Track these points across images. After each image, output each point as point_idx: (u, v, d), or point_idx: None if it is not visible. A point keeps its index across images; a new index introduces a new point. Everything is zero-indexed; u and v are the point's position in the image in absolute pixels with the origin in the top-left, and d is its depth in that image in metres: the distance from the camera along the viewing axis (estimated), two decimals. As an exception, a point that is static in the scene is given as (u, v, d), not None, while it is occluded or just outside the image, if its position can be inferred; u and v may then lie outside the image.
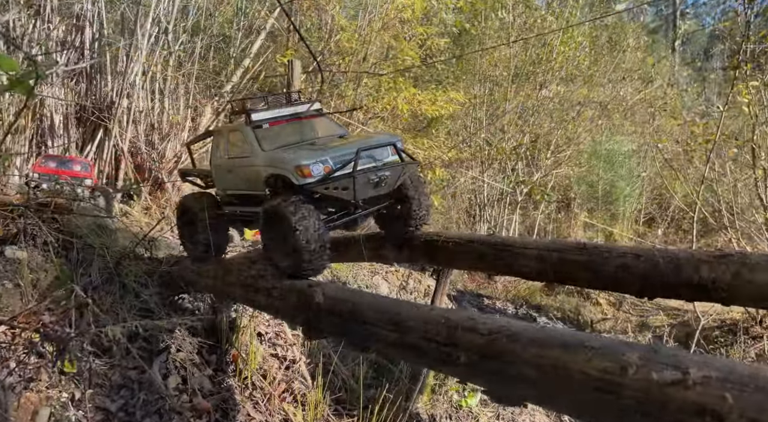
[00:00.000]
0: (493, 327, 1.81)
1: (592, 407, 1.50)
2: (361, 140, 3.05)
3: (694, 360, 1.35)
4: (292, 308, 2.61)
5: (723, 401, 1.22)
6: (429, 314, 2.02)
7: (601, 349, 1.52)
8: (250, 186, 3.00)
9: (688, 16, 36.09)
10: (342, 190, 2.71)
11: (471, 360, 1.81)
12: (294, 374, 3.84)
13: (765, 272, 1.84)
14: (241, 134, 3.10)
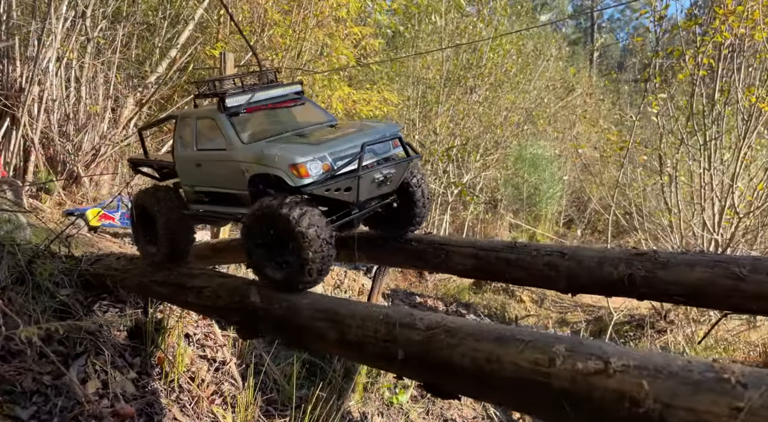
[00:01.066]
0: (431, 323, 1.86)
1: (523, 397, 1.58)
2: (359, 131, 2.65)
3: (615, 350, 1.46)
4: (226, 307, 2.53)
5: (640, 387, 1.32)
6: (368, 312, 2.04)
7: (532, 342, 1.61)
8: (227, 184, 2.63)
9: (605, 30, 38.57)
10: (344, 191, 2.40)
11: (409, 355, 1.85)
12: (224, 375, 3.73)
13: (674, 269, 2.00)
14: (213, 123, 2.69)
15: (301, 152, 2.35)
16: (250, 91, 2.77)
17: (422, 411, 5.49)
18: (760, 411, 1.14)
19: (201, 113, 2.82)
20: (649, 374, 1.34)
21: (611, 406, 1.36)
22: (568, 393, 1.45)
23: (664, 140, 8.42)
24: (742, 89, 7.80)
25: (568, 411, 1.46)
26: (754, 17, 7.71)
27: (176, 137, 2.90)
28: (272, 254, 2.35)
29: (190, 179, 2.87)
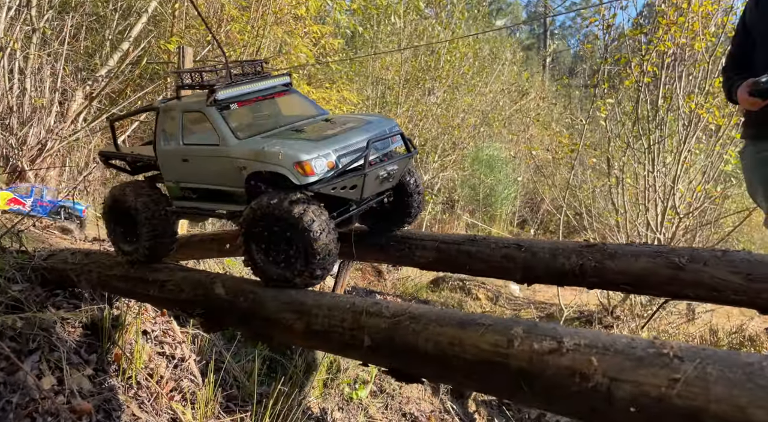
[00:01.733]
0: (396, 311, 1.93)
1: (484, 377, 1.67)
2: (359, 126, 2.56)
3: (567, 331, 1.57)
4: (189, 300, 2.52)
5: (590, 364, 1.44)
6: (334, 301, 2.10)
7: (492, 325, 1.70)
8: (219, 180, 2.52)
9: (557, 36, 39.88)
10: (350, 189, 2.34)
11: (376, 342, 1.92)
12: (183, 372, 3.69)
13: (621, 259, 2.15)
14: (202, 117, 2.55)
15: (305, 149, 2.27)
16: (240, 83, 2.65)
17: (381, 406, 5.57)
18: (695, 381, 1.26)
19: (187, 106, 2.66)
20: (598, 351, 1.45)
21: (564, 382, 1.47)
22: (525, 372, 1.55)
23: (611, 143, 8.83)
24: (683, 96, 8.26)
25: (525, 389, 1.56)
26: (694, 28, 8.19)
27: (158, 131, 2.74)
28: (272, 253, 2.30)
29: (174, 175, 2.73)
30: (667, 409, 1.28)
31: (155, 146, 2.75)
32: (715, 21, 8.42)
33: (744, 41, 3.51)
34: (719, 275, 1.87)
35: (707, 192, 8.48)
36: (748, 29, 3.46)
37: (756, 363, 1.22)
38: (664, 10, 8.61)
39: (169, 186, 2.80)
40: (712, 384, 1.23)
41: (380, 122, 2.66)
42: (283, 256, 2.27)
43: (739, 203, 11.45)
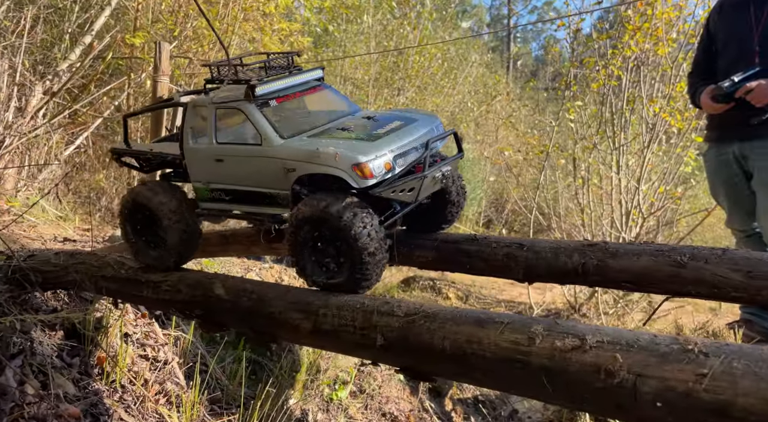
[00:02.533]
0: (409, 310, 1.93)
1: (504, 376, 1.69)
2: (407, 124, 2.45)
3: (589, 328, 1.60)
4: (187, 301, 2.45)
5: (614, 360, 1.47)
6: (343, 301, 2.08)
7: (511, 324, 1.72)
8: (260, 182, 2.39)
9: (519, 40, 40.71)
10: (408, 192, 2.22)
11: (389, 341, 1.91)
12: (167, 375, 3.58)
13: (623, 258, 2.22)
14: (239, 114, 2.42)
15: (362, 150, 2.15)
16: (277, 78, 2.51)
17: (361, 406, 5.56)
18: (722, 376, 1.31)
19: (222, 102, 2.49)
20: (622, 348, 1.49)
21: (588, 379, 1.50)
22: (547, 370, 1.58)
23: (578, 144, 9.08)
24: (646, 100, 8.57)
25: (548, 386, 1.58)
26: (657, 34, 8.50)
27: (185, 128, 2.58)
28: (319, 257, 2.22)
29: (204, 175, 2.57)
30: (694, 404, 1.33)
31: (182, 145, 2.59)
32: (677, 27, 8.76)
33: (708, 48, 3.69)
34: (720, 273, 1.95)
35: (668, 193, 8.81)
36: (712, 37, 3.63)
37: (781, 356, 1.27)
38: (629, 15, 8.90)
39: (197, 187, 2.63)
40: (739, 378, 1.28)
41: (426, 118, 2.54)
42: (329, 261, 2.20)
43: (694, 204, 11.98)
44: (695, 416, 1.33)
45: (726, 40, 3.48)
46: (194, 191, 2.64)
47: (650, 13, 8.59)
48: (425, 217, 2.77)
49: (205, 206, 2.64)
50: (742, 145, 3.34)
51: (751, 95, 3.09)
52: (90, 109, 9.32)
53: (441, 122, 2.55)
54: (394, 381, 6.00)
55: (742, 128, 3.27)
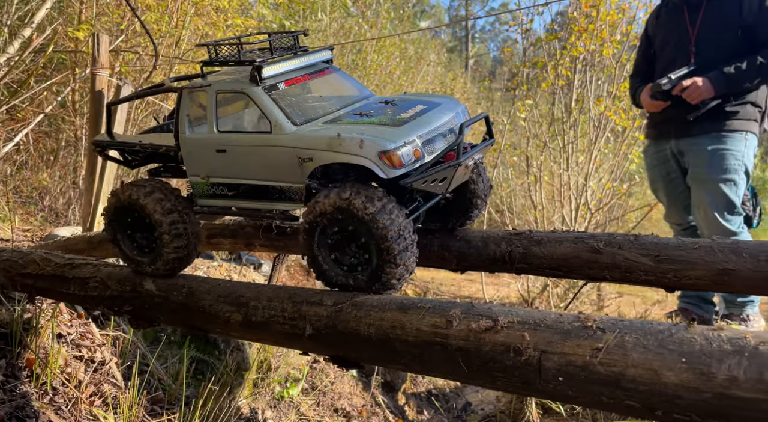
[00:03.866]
0: (338, 299, 1.95)
1: (425, 358, 1.73)
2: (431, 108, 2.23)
3: (502, 310, 1.67)
4: (115, 297, 2.40)
5: (523, 339, 1.54)
6: (275, 292, 2.09)
7: (432, 308, 1.77)
8: (269, 174, 2.17)
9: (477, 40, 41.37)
10: (439, 182, 2.01)
11: (317, 330, 1.93)
12: (103, 376, 3.49)
13: (546, 245, 2.30)
14: (244, 99, 2.21)
15: (388, 136, 1.94)
16: (284, 59, 2.28)
17: (313, 403, 5.55)
18: (615, 349, 1.39)
19: (222, 86, 2.26)
20: (530, 327, 1.56)
21: (499, 357, 1.56)
22: (464, 351, 1.64)
23: (530, 143, 9.32)
24: (593, 99, 8.87)
25: (463, 367, 1.64)
26: (602, 35, 8.81)
27: (181, 116, 2.33)
28: (339, 255, 2.05)
29: (203, 168, 2.33)
30: (590, 376, 1.40)
31: (177, 135, 2.35)
32: (621, 30, 9.10)
33: (647, 51, 3.87)
34: (631, 258, 2.06)
35: (615, 189, 9.14)
36: (651, 40, 3.81)
37: (666, 330, 1.36)
38: (576, 17, 9.18)
39: (195, 182, 2.39)
40: (630, 350, 1.37)
41: (449, 102, 2.34)
42: (352, 259, 2.02)
43: (642, 200, 12.49)
44: (591, 388, 1.40)
45: (664, 42, 3.66)
46: (191, 187, 2.41)
47: (595, 15, 8.89)
48: (445, 212, 2.56)
49: (203, 203, 2.41)
50: (679, 142, 3.50)
51: (687, 92, 3.25)
52: (31, 105, 8.93)
53: (465, 107, 2.35)
54: (347, 377, 6.02)
55: (678, 125, 3.44)
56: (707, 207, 3.35)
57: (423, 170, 2.00)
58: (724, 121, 3.31)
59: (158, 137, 2.63)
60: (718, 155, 3.32)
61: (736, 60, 3.22)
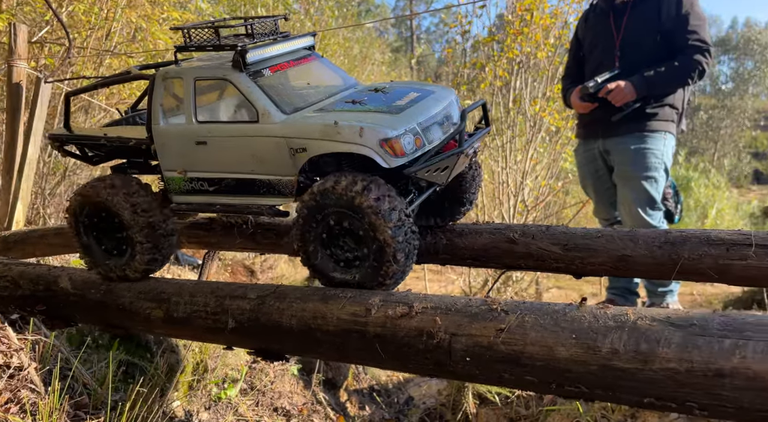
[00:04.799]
0: (261, 292, 1.97)
1: (345, 346, 1.78)
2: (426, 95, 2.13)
3: (417, 296, 1.74)
4: (27, 297, 2.31)
5: (435, 323, 1.61)
6: (197, 287, 2.07)
7: (353, 297, 1.82)
8: (256, 167, 2.04)
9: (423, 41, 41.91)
10: (441, 172, 1.93)
11: (240, 323, 1.94)
12: (21, 382, 3.31)
13: (467, 237, 2.40)
14: (227, 86, 2.07)
15: (389, 123, 1.85)
16: (267, 44, 2.13)
17: (252, 404, 5.48)
18: (516, 329, 1.49)
19: (201, 73, 2.10)
20: (442, 311, 1.63)
21: (413, 342, 1.63)
22: (380, 337, 1.69)
23: (470, 141, 9.56)
24: (529, 100, 9.21)
25: (381, 353, 1.69)
26: (536, 38, 9.16)
27: (153, 105, 2.16)
28: (335, 250, 1.94)
29: (180, 162, 2.16)
30: (494, 356, 1.49)
31: (149, 126, 2.17)
32: (554, 33, 9.49)
33: (577, 54, 4.07)
34: (543, 247, 2.18)
35: (551, 187, 9.53)
36: (580, 43, 4.01)
37: (561, 310, 1.47)
38: (511, 20, 9.50)
39: (171, 177, 2.21)
40: (529, 330, 1.46)
41: (442, 89, 2.25)
42: (349, 254, 1.92)
43: (578, 197, 13.07)
44: (495, 366, 1.49)
45: (592, 45, 3.84)
46: (166, 183, 2.24)
47: (529, 18, 9.23)
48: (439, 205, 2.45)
49: (180, 200, 2.22)
50: (605, 141, 3.69)
51: (611, 95, 3.44)
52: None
53: (456, 94, 2.27)
54: (287, 376, 5.98)
55: (604, 125, 3.62)
56: (631, 203, 3.55)
57: (427, 159, 1.90)
58: (645, 122, 3.52)
59: (125, 129, 2.45)
60: (640, 153, 3.52)
61: (657, 64, 3.42)
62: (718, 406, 1.18)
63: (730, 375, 1.15)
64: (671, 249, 1.90)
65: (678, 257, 1.86)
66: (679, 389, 1.22)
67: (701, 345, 1.21)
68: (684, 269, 1.86)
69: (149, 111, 2.18)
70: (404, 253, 1.84)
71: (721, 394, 1.17)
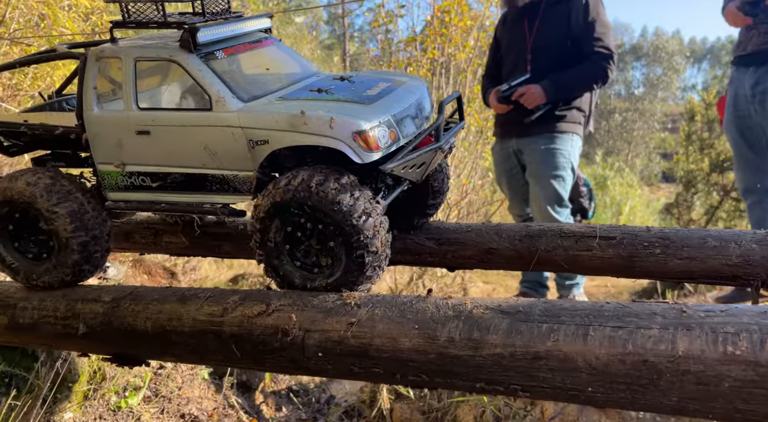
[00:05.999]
0: (117, 294, 1.85)
1: (201, 348, 1.70)
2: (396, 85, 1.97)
3: (277, 294, 1.70)
4: None
5: (290, 320, 1.57)
6: (47, 292, 1.92)
7: (212, 297, 1.75)
8: (208, 161, 1.82)
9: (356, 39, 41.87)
10: (417, 168, 1.77)
11: (92, 328, 1.81)
12: None
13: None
14: (173, 68, 1.84)
15: (360, 114, 1.69)
16: (219, 24, 1.91)
17: (156, 411, 5.24)
18: (366, 322, 1.48)
19: (143, 52, 1.86)
20: (299, 308, 1.60)
21: (269, 339, 1.58)
22: (237, 336, 1.63)
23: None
24: (451, 100, 9.41)
25: (237, 353, 1.63)
26: (456, 40, 9.37)
27: (85, 88, 1.90)
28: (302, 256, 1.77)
29: (117, 154, 1.92)
30: (344, 349, 1.48)
31: (80, 113, 1.91)
32: (473, 35, 9.74)
33: (495, 55, 4.17)
34: (419, 242, 2.20)
35: (473, 185, 9.78)
36: (498, 45, 4.11)
37: (408, 301, 1.47)
38: (430, 21, 9.67)
39: (106, 171, 1.96)
40: (378, 322, 1.46)
41: (412, 79, 2.09)
42: (313, 257, 1.76)
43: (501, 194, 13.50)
44: (345, 360, 1.47)
45: (507, 49, 3.95)
46: (100, 178, 1.99)
47: (448, 20, 9.42)
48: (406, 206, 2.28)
49: (116, 197, 1.98)
50: (518, 141, 3.82)
51: (523, 98, 3.55)
52: None
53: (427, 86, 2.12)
54: (196, 380, 5.76)
55: (518, 126, 3.74)
56: (541, 200, 3.70)
57: (404, 155, 1.75)
58: (555, 123, 3.67)
59: (50, 116, 2.19)
60: (549, 153, 3.67)
61: (566, 68, 3.57)
62: (536, 387, 1.22)
63: (545, 357, 1.20)
64: (530, 242, 1.97)
65: (536, 249, 1.93)
66: (505, 373, 1.25)
67: (523, 331, 1.24)
68: (540, 260, 1.93)
69: (80, 95, 1.92)
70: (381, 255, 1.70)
71: (539, 375, 1.21)
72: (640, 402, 1.12)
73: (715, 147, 11.03)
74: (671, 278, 1.78)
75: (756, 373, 1.02)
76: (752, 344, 1.04)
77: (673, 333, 1.11)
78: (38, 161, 2.22)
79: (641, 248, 1.80)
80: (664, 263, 1.74)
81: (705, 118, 11.47)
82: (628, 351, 1.13)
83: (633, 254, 1.81)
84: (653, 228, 1.85)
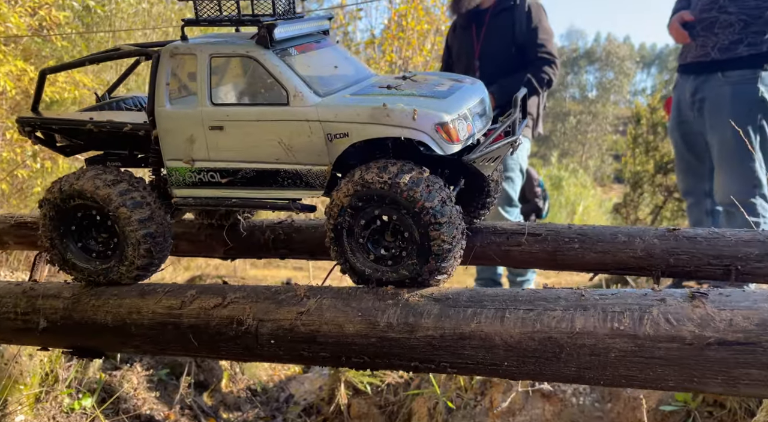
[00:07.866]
0: (77, 290, 1.93)
1: (159, 338, 1.81)
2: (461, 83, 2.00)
3: (232, 287, 1.82)
4: None
5: (245, 311, 1.71)
6: (8, 288, 1.99)
7: (171, 292, 1.86)
8: (283, 155, 1.83)
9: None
10: (492, 162, 1.79)
11: (53, 322, 1.89)
12: None
13: (304, 233, 2.53)
14: (250, 64, 1.85)
15: (440, 107, 1.71)
16: (291, 21, 1.93)
17: (111, 412, 5.22)
18: (314, 312, 1.63)
19: (219, 49, 1.88)
20: (252, 300, 1.73)
21: (224, 330, 1.71)
22: (194, 327, 1.75)
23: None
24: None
25: (194, 342, 1.75)
26: (413, 43, 9.61)
27: (158, 85, 1.92)
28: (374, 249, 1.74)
29: (188, 151, 1.92)
30: (295, 337, 1.62)
31: (151, 109, 1.92)
32: (429, 39, 10.00)
33: (448, 59, 4.35)
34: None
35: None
36: (450, 50, 4.29)
37: (353, 292, 1.64)
38: (388, 25, 9.88)
39: (176, 167, 1.95)
40: (325, 311, 1.61)
41: (473, 81, 2.12)
42: (383, 251, 1.74)
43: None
44: (295, 346, 1.62)
45: (457, 55, 4.12)
46: (168, 174, 1.98)
47: (405, 24, 9.65)
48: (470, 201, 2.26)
49: (184, 193, 1.97)
50: None
51: None
52: None
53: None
54: (153, 381, 5.76)
55: None
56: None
57: (485, 146, 1.77)
58: None
59: (114, 114, 2.18)
60: None
61: (512, 74, 3.74)
62: (462, 363, 1.41)
63: (469, 337, 1.38)
64: (468, 239, 2.14)
65: (472, 245, 2.12)
66: (436, 352, 1.43)
67: (451, 315, 1.43)
68: (477, 255, 2.13)
69: (152, 92, 1.92)
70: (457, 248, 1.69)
71: (464, 353, 1.39)
72: (546, 373, 1.32)
73: (659, 149, 11.63)
74: (588, 270, 2.01)
75: (635, 344, 1.23)
76: (633, 320, 1.25)
77: (572, 313, 1.31)
78: (94, 160, 2.21)
79: (563, 243, 2.02)
80: (582, 257, 1.97)
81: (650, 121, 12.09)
82: (536, 330, 1.33)
83: (556, 248, 2.03)
84: (574, 225, 2.07)
